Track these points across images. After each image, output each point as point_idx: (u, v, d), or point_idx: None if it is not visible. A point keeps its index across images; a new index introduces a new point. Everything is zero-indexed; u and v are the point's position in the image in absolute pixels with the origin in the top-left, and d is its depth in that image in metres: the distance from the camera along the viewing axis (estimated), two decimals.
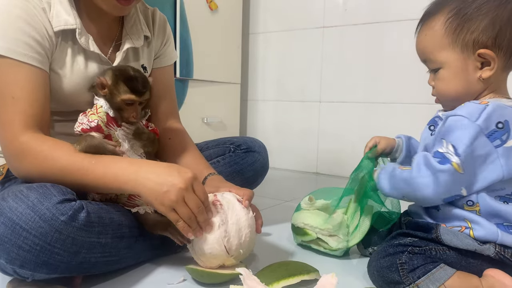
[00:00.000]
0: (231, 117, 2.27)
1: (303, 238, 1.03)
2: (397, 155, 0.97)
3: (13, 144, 0.79)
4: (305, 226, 1.01)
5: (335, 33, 2.11)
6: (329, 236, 0.98)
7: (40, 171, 0.78)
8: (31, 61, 0.80)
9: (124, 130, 0.87)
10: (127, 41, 0.96)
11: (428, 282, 0.73)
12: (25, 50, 0.80)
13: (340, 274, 0.76)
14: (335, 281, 0.73)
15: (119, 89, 0.85)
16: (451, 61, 0.78)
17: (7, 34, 0.79)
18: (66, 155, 0.79)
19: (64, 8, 0.85)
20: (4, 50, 0.78)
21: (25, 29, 0.80)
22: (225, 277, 0.81)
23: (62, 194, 0.72)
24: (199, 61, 1.98)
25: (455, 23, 0.77)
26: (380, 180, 0.85)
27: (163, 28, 1.07)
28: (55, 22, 0.84)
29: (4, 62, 0.79)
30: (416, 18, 0.86)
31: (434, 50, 0.80)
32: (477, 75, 0.78)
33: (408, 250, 0.77)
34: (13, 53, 0.79)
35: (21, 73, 0.80)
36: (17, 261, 0.68)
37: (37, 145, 0.78)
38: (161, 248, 0.94)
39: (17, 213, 0.68)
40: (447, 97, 0.82)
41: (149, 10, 1.05)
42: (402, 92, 1.95)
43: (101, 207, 0.79)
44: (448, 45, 0.78)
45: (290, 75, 2.28)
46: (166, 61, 1.09)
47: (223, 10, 2.10)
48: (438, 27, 0.79)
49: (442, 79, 0.81)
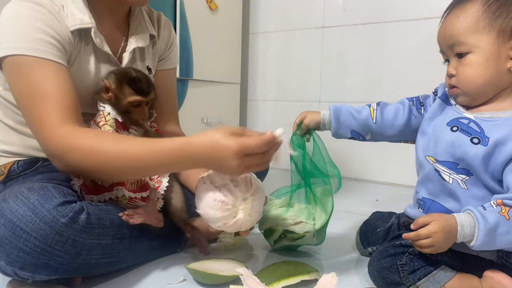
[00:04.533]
0: (231, 117, 2.27)
1: (273, 238, 1.00)
2: (327, 127, 0.94)
3: (55, 138, 0.76)
4: (270, 224, 0.99)
5: (335, 33, 2.11)
6: (294, 225, 0.97)
7: (90, 163, 0.76)
8: (56, 59, 0.80)
9: (133, 133, 0.88)
10: (133, 41, 0.96)
11: (429, 284, 0.73)
12: (48, 48, 0.79)
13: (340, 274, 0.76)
14: (335, 281, 0.73)
15: (124, 92, 0.85)
16: (484, 45, 0.73)
17: (28, 35, 0.78)
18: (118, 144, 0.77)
19: (78, 7, 0.85)
20: (29, 50, 0.78)
21: (45, 30, 0.79)
22: (225, 279, 0.81)
23: (62, 196, 0.72)
24: (199, 61, 1.98)
25: (495, 6, 0.72)
26: (480, 244, 0.69)
27: (168, 31, 1.08)
28: (70, 21, 0.84)
29: (31, 61, 0.78)
30: (416, 19, 0.86)
31: (467, 32, 0.74)
32: (508, 65, 0.73)
33: (409, 251, 0.77)
34: (38, 51, 0.78)
35: (49, 70, 0.79)
36: (17, 263, 0.68)
37: (80, 138, 0.77)
38: (161, 248, 0.94)
39: (17, 215, 0.68)
40: (472, 86, 0.76)
41: (154, 13, 1.05)
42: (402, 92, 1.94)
43: (101, 208, 0.79)
44: (483, 28, 0.73)
45: (290, 75, 2.28)
46: (170, 64, 1.10)
47: (223, 10, 2.10)
48: (475, 9, 0.74)
49: (470, 64, 0.74)
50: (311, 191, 0.96)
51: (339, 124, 0.92)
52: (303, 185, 0.96)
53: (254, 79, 2.41)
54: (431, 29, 0.86)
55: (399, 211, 0.96)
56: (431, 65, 0.88)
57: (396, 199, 0.96)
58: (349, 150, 2.04)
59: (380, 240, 0.95)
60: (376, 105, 0.92)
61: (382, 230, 0.97)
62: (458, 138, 0.76)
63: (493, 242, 0.69)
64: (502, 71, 0.74)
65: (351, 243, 1.07)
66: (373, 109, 0.91)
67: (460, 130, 0.76)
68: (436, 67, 0.89)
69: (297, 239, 0.98)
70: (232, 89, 2.26)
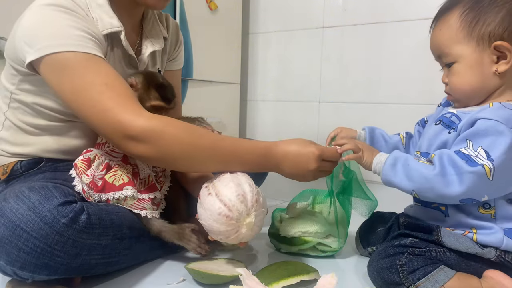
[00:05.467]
0: (231, 117, 2.27)
1: (300, 247, 0.99)
2: None
3: (139, 122, 0.75)
4: (303, 234, 0.97)
5: (335, 33, 2.11)
6: (326, 238, 0.98)
7: (180, 149, 0.78)
8: (100, 54, 0.81)
9: None
10: (149, 45, 0.97)
11: (428, 284, 0.74)
12: (91, 44, 0.80)
13: (340, 274, 0.76)
14: (334, 281, 0.73)
15: (150, 95, 0.87)
16: (467, 54, 0.77)
17: (68, 32, 0.78)
18: (210, 134, 0.82)
19: (106, 11, 0.86)
20: (74, 46, 0.77)
21: (82, 28, 0.80)
22: (225, 279, 0.81)
23: (63, 196, 0.72)
24: (198, 61, 1.98)
25: (471, 15, 0.76)
26: (386, 167, 0.80)
27: (176, 32, 1.09)
28: (100, 25, 0.84)
29: (79, 57, 0.78)
30: (416, 19, 0.86)
31: (449, 44, 0.79)
32: (492, 69, 0.76)
33: (409, 251, 0.77)
34: (83, 47, 0.78)
35: (101, 63, 0.80)
36: (17, 263, 0.68)
37: (170, 123, 0.78)
38: (161, 248, 0.94)
39: (18, 214, 0.67)
40: (462, 93, 0.80)
41: (162, 15, 1.07)
42: (402, 93, 1.95)
43: (101, 209, 0.79)
44: (464, 38, 0.77)
45: (289, 75, 2.28)
46: (177, 65, 1.12)
47: (223, 10, 2.10)
48: (454, 20, 0.78)
49: (457, 73, 0.79)
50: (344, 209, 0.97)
51: (372, 144, 0.96)
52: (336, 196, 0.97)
53: (254, 79, 2.41)
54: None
55: (399, 211, 0.96)
56: (431, 66, 0.88)
57: (396, 199, 0.96)
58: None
59: (380, 240, 0.96)
60: (405, 133, 1.01)
61: (382, 230, 0.97)
62: (438, 130, 0.81)
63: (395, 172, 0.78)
64: (488, 75, 0.77)
65: (351, 243, 1.07)
66: (403, 136, 1.00)
67: (442, 123, 0.82)
68: (436, 68, 0.90)
69: (328, 251, 0.99)
70: (231, 89, 2.26)
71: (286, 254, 1.01)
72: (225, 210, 0.76)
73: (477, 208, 0.77)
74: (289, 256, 1.00)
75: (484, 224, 0.76)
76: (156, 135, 0.76)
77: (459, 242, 0.75)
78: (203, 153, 0.79)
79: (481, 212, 0.76)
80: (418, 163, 0.78)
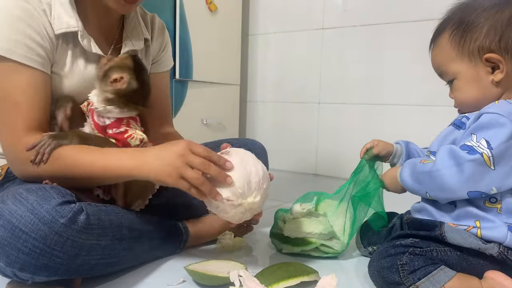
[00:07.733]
0: (231, 118, 2.27)
1: (304, 248, 0.99)
2: (396, 160, 0.97)
3: (17, 147, 0.80)
4: (307, 235, 0.97)
5: (335, 34, 2.12)
6: (330, 240, 0.98)
7: (49, 171, 0.80)
8: (32, 64, 0.80)
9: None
10: (128, 44, 0.96)
11: (429, 284, 0.73)
12: (26, 52, 0.80)
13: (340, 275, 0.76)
14: (334, 282, 0.73)
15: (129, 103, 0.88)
16: (462, 70, 0.82)
17: (7, 35, 0.79)
18: (71, 152, 0.80)
19: (65, 9, 0.85)
20: (4, 51, 0.78)
21: (26, 31, 0.80)
22: (225, 280, 0.81)
23: (61, 196, 0.72)
24: (198, 62, 1.98)
25: (458, 35, 0.81)
26: (402, 174, 0.83)
27: (161, 33, 1.08)
28: (56, 25, 0.84)
29: (5, 65, 0.79)
30: (416, 20, 0.87)
31: (445, 63, 0.84)
32: (489, 80, 0.80)
33: (409, 251, 0.77)
34: (13, 54, 0.79)
35: (22, 77, 0.80)
36: (16, 264, 0.68)
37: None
38: (160, 249, 0.94)
39: (16, 216, 0.67)
40: (468, 105, 0.84)
41: (147, 15, 1.05)
42: (402, 94, 1.95)
43: (101, 209, 0.79)
44: (457, 56, 0.82)
45: (289, 77, 2.28)
46: (163, 67, 1.10)
47: (222, 11, 2.11)
48: (445, 42, 0.83)
49: (458, 89, 0.83)
50: (354, 214, 0.97)
51: (408, 158, 0.95)
52: (348, 200, 0.97)
53: (253, 80, 2.42)
54: (431, 30, 0.87)
55: (400, 211, 0.96)
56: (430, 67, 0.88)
57: (397, 199, 0.96)
58: (350, 150, 2.04)
59: (382, 240, 0.96)
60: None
61: (384, 229, 0.97)
62: (450, 130, 0.85)
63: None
64: (487, 86, 0.80)
65: (351, 243, 1.06)
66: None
67: (453, 124, 0.85)
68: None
69: (329, 253, 0.99)
70: (231, 90, 2.27)
71: (287, 255, 1.01)
72: (226, 193, 0.77)
73: (483, 202, 0.77)
74: (290, 257, 1.00)
75: (490, 217, 0.76)
76: (22, 165, 0.81)
77: (462, 238, 0.76)
78: (73, 172, 0.80)
79: (487, 205, 0.77)
80: (422, 164, 0.80)
